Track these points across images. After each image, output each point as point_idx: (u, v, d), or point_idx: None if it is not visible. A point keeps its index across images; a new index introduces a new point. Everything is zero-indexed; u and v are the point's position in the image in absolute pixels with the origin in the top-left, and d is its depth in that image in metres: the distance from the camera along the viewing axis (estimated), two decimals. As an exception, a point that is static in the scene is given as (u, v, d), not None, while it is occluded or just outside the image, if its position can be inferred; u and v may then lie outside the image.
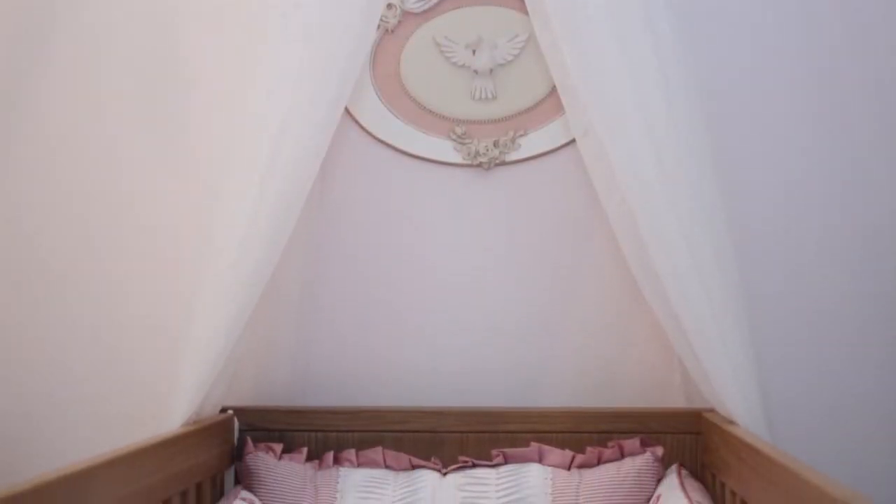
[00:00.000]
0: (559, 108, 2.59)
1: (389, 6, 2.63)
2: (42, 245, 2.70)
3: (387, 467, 2.43)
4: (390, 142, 2.66)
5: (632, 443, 2.38)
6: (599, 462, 2.39)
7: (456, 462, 2.44)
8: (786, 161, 2.59)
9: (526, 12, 2.59)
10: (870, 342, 2.57)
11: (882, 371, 2.56)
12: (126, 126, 2.68)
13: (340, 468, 2.42)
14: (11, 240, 2.71)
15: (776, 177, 2.59)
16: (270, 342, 2.63)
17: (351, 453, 2.45)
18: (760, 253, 2.56)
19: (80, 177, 2.69)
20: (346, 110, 2.57)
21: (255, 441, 2.44)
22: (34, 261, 2.70)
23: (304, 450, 2.46)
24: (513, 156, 2.65)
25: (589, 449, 2.41)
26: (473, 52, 2.63)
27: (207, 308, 2.24)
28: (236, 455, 2.46)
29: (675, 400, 2.58)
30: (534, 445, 2.43)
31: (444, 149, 2.65)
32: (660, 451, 2.36)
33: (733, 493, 2.10)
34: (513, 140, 2.63)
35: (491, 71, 2.63)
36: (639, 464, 2.34)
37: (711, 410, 2.39)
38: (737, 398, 2.21)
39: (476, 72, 2.64)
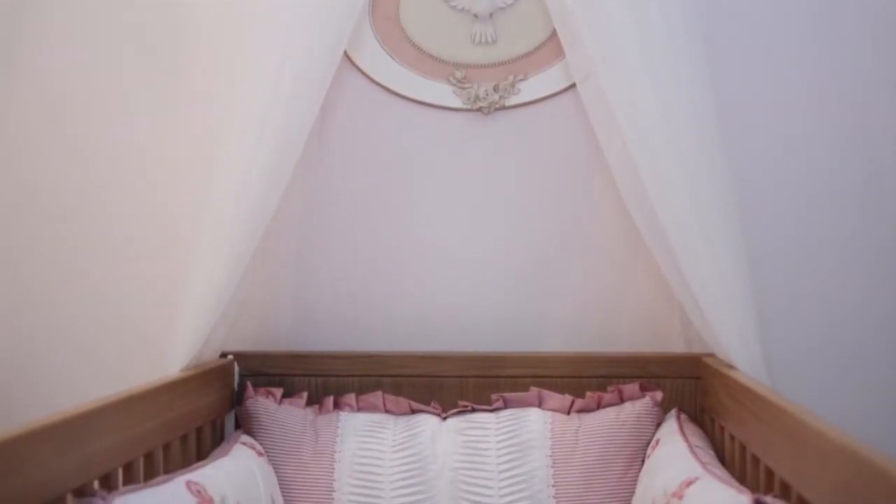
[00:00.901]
0: (559, 53, 2.57)
1: (388, -51, 2.61)
2: (42, 188, 2.69)
3: (387, 412, 2.44)
4: (390, 86, 2.64)
5: (631, 387, 2.39)
6: (599, 406, 2.39)
7: (455, 407, 2.44)
8: (791, 105, 2.57)
9: (527, -45, 2.57)
10: (872, 288, 2.57)
11: (883, 316, 2.56)
12: (126, 70, 2.66)
13: (341, 413, 2.42)
14: (11, 184, 2.70)
15: (781, 121, 2.57)
16: (270, 287, 2.63)
17: (351, 398, 2.45)
18: (763, 198, 2.55)
19: (80, 121, 2.68)
20: (346, 54, 2.55)
21: (255, 386, 2.44)
22: (33, 205, 2.69)
23: (305, 394, 2.46)
24: (513, 100, 2.63)
25: (588, 393, 2.42)
26: (473, -5, 2.61)
27: (208, 252, 2.24)
28: (236, 400, 2.47)
29: (674, 345, 2.58)
30: (533, 390, 2.43)
31: (444, 93, 2.63)
32: (659, 395, 2.36)
33: (732, 437, 2.11)
34: (513, 84, 2.62)
35: (491, 15, 2.61)
36: (638, 408, 2.34)
37: (711, 355, 2.39)
38: (736, 343, 2.21)
39: (476, 16, 2.61)
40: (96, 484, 1.70)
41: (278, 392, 2.43)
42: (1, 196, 2.70)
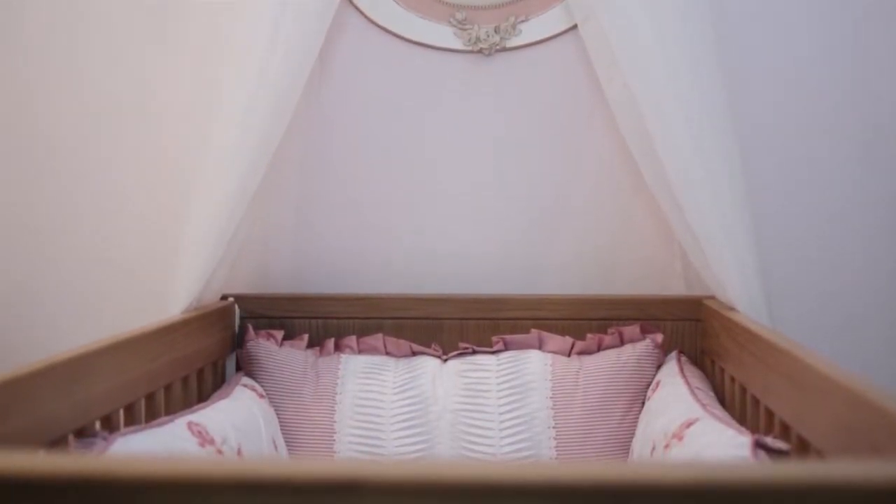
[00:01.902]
0: (561, -7, 2.55)
1: None
2: (40, 132, 2.67)
3: (387, 354, 2.44)
4: (389, 27, 2.61)
5: (632, 329, 2.39)
6: (599, 348, 2.40)
7: (456, 349, 2.44)
8: (794, 48, 2.55)
9: None
10: (872, 231, 2.56)
11: (883, 258, 2.56)
12: (127, 12, 2.63)
13: (341, 355, 2.43)
14: (10, 126, 2.68)
15: (783, 64, 2.55)
16: (271, 230, 2.62)
17: (351, 340, 2.46)
18: (765, 140, 2.54)
19: (80, 62, 2.65)
20: (345, -5, 2.53)
21: (256, 328, 2.44)
22: (31, 149, 2.68)
23: (305, 336, 2.47)
24: (514, 42, 2.60)
25: (589, 335, 2.42)
26: (474, -67, 2.58)
27: (208, 194, 2.23)
28: (237, 342, 2.47)
29: (675, 287, 2.58)
30: (534, 332, 2.43)
31: (444, 35, 2.61)
32: (659, 337, 2.37)
33: (732, 379, 2.11)
34: (514, 26, 2.59)
35: (492, -45, 2.58)
36: (639, 350, 2.35)
37: (712, 297, 2.39)
38: (737, 285, 2.20)
39: (477, -45, 2.59)
40: (98, 425, 1.70)
41: (279, 334, 2.43)
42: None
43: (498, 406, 2.31)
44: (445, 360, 2.42)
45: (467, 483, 0.86)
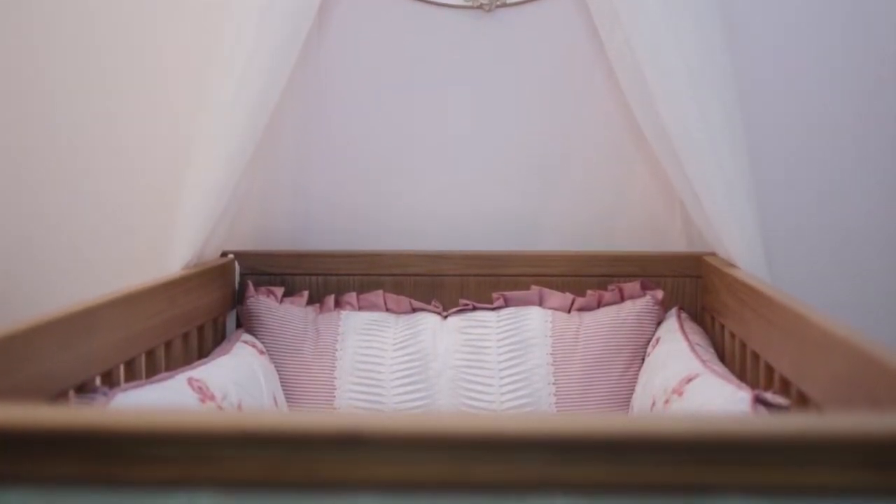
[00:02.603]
0: (562, -53, 2.53)
1: None
2: (38, 89, 2.66)
3: (388, 310, 2.44)
4: (389, -17, 2.60)
5: (632, 286, 2.39)
6: (599, 305, 2.40)
7: (456, 305, 2.44)
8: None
9: None
10: (873, 186, 2.55)
11: (886, 212, 2.55)
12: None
13: (342, 311, 2.43)
14: (8, 87, 2.67)
15: (784, 16, 2.54)
16: (270, 186, 2.61)
17: (352, 296, 2.46)
18: (766, 94, 2.52)
19: (77, 19, 2.64)
20: (344, -51, 2.52)
21: (256, 285, 2.44)
22: (30, 106, 2.66)
23: (305, 293, 2.46)
24: (514, -3, 2.59)
25: (589, 292, 2.42)
26: None
27: (207, 149, 2.22)
28: (237, 299, 2.47)
29: (675, 243, 2.58)
30: (534, 288, 2.43)
31: (445, -11, 2.60)
32: (660, 294, 2.37)
33: (732, 335, 2.12)
34: (514, -19, 2.58)
35: None
36: (639, 307, 2.35)
37: (712, 254, 2.39)
38: (738, 241, 2.20)
39: None
40: (98, 380, 1.70)
41: (279, 291, 2.44)
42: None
43: (498, 362, 2.31)
44: (446, 317, 2.42)
45: (467, 435, 0.86)
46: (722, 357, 2.17)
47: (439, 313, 2.43)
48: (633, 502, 0.88)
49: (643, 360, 2.30)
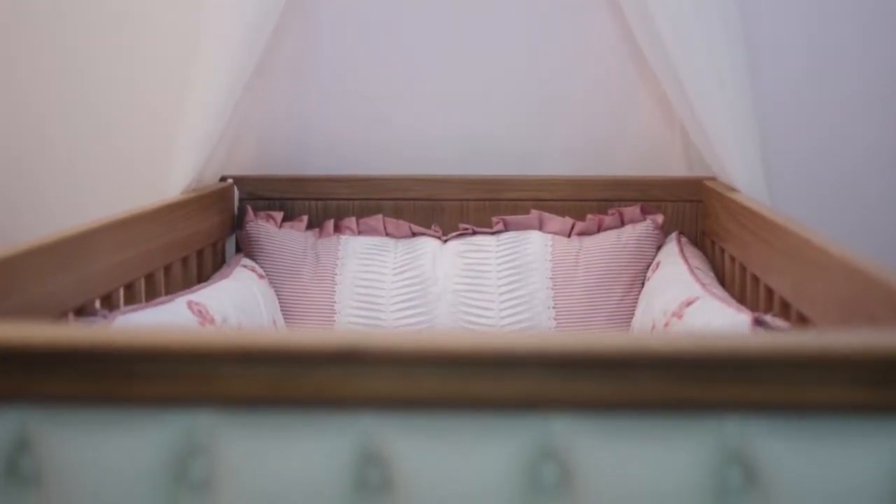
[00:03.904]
0: None
1: None
2: (36, 8, 2.63)
3: (387, 235, 2.44)
4: None
5: (632, 210, 2.38)
6: (600, 229, 2.39)
7: (456, 230, 2.44)
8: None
9: None
10: (873, 111, 2.54)
11: (887, 134, 2.54)
12: None
13: (341, 236, 2.43)
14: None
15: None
16: (269, 110, 2.59)
17: (351, 221, 2.45)
18: (769, 16, 2.49)
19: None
20: None
21: (256, 210, 2.44)
22: (28, 25, 2.63)
23: (305, 218, 2.46)
24: (514, -82, 2.56)
25: (589, 216, 2.42)
26: None
27: (206, 72, 2.19)
28: (237, 224, 2.47)
29: (676, 168, 2.57)
30: (534, 213, 2.43)
31: (443, -86, 2.56)
32: (660, 218, 2.36)
33: (732, 259, 2.12)
34: None
35: None
36: (639, 231, 2.34)
37: (713, 178, 2.38)
38: (739, 165, 2.19)
39: None
40: (98, 303, 1.71)
41: (278, 216, 2.43)
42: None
43: (498, 286, 2.32)
44: (445, 241, 2.41)
45: (466, 351, 0.86)
46: (722, 281, 2.17)
47: (439, 238, 2.42)
48: (632, 420, 0.88)
49: (643, 284, 2.30)
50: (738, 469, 0.88)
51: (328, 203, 2.51)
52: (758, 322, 1.59)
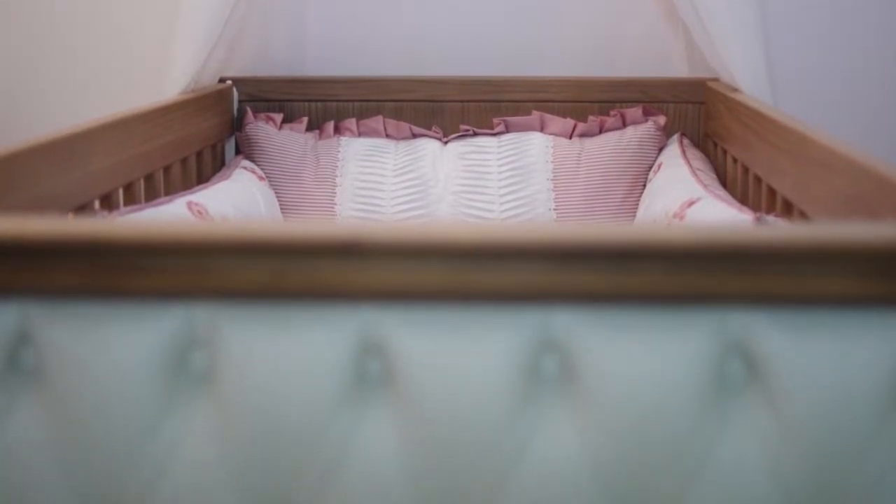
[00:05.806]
0: None
1: None
2: None
3: (388, 136, 2.43)
4: None
5: (634, 111, 2.37)
6: (601, 131, 2.38)
7: (457, 131, 2.43)
8: None
9: None
10: (878, 9, 2.51)
11: (888, 36, 2.51)
12: None
13: (341, 137, 2.41)
14: None
15: None
16: (269, 10, 2.55)
17: (351, 123, 2.44)
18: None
19: None
20: None
21: (255, 111, 2.42)
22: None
23: (305, 119, 2.44)
24: None
25: (591, 117, 2.40)
26: None
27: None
28: (236, 126, 2.45)
29: (678, 69, 2.55)
30: (535, 114, 2.41)
31: None
32: (662, 119, 2.35)
33: (735, 160, 2.11)
34: None
35: None
36: (641, 132, 2.33)
37: (715, 79, 2.36)
38: (742, 65, 2.17)
39: None
40: (97, 203, 1.70)
41: (278, 117, 2.42)
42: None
43: (499, 188, 2.31)
44: (446, 143, 2.40)
45: (466, 243, 0.85)
46: (724, 183, 2.17)
47: (440, 139, 2.41)
48: (633, 312, 0.88)
49: (645, 185, 2.30)
50: (739, 362, 0.88)
51: (328, 104, 2.49)
52: (759, 221, 1.59)
